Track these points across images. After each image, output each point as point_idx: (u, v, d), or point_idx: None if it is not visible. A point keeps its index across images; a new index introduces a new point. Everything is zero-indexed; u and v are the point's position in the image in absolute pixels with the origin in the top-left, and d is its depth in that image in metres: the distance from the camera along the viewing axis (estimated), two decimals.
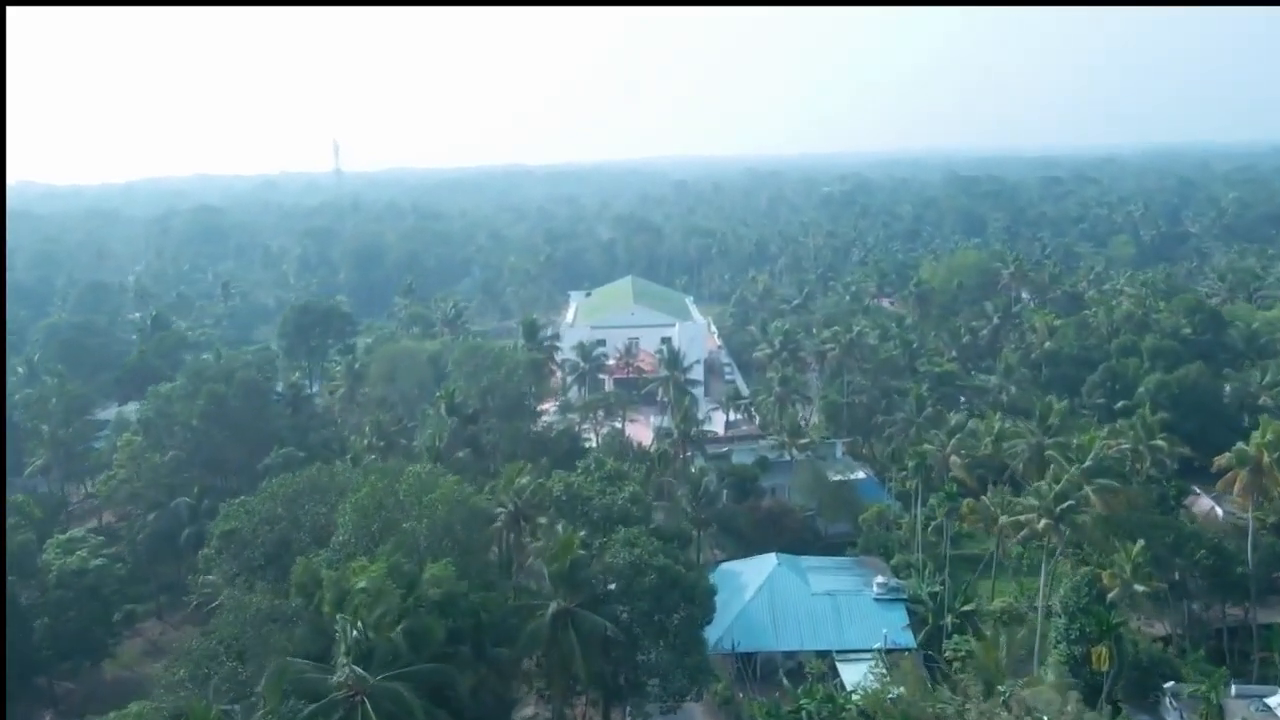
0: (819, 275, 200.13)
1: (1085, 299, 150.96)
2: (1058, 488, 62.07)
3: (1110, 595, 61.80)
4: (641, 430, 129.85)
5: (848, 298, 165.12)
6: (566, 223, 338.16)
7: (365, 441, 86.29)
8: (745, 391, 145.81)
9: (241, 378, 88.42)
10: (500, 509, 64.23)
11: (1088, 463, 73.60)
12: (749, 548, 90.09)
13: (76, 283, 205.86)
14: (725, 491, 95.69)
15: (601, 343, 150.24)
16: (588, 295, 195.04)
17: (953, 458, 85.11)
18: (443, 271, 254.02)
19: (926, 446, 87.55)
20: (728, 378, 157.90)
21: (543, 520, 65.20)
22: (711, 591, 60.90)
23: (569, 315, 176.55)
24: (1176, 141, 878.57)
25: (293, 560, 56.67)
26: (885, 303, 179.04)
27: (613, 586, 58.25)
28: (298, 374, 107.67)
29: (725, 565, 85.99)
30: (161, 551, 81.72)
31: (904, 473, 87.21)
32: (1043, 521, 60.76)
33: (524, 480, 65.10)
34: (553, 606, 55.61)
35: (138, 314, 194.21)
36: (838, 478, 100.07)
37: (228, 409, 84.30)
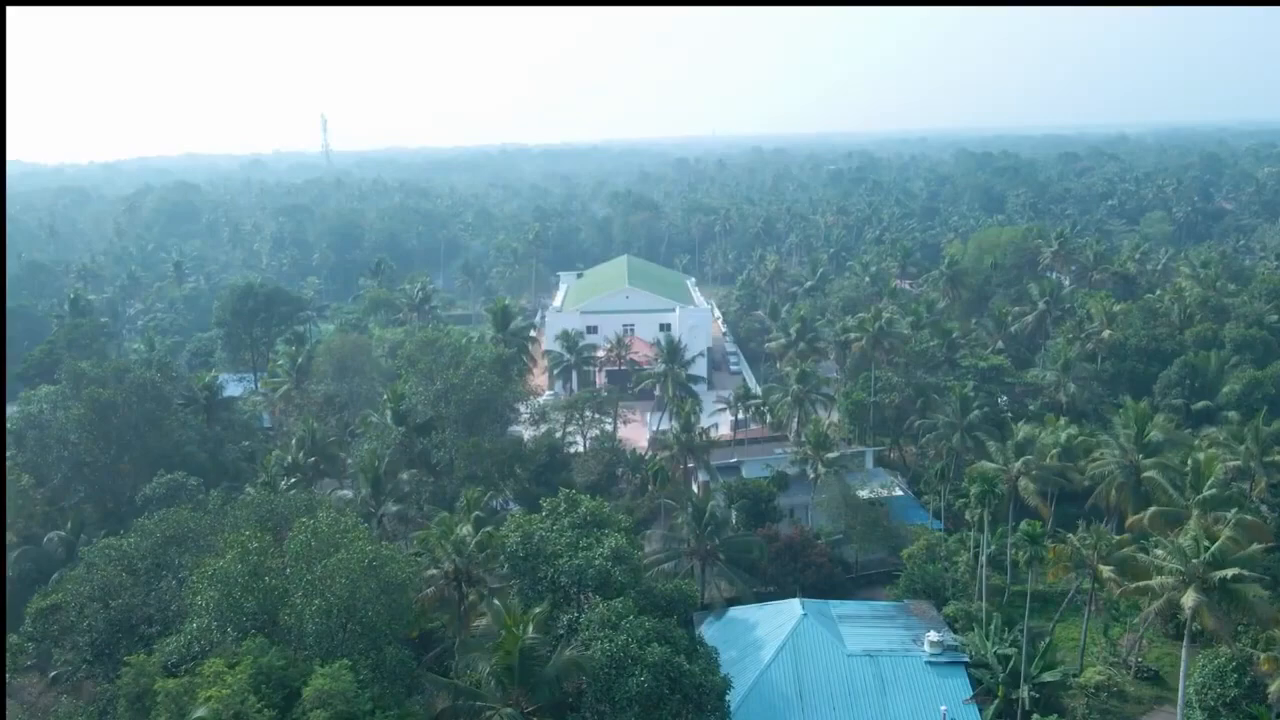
0: (832, 255, 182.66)
1: (1137, 280, 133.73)
2: (1211, 547, 44.71)
3: (1272, 689, 44.91)
4: (637, 432, 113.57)
5: (867, 279, 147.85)
6: (560, 200, 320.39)
7: (290, 458, 69.33)
8: (754, 386, 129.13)
9: (136, 379, 71.30)
10: (434, 570, 47.25)
11: (1207, 491, 56.73)
12: (764, 583, 73.78)
13: (18, 263, 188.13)
14: (734, 513, 79.09)
15: (592, 330, 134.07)
16: (579, 276, 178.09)
17: (1023, 480, 68.03)
18: (426, 252, 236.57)
19: (986, 465, 70.58)
20: (733, 368, 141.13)
21: (499, 569, 48.59)
22: (725, 687, 44.14)
23: (557, 299, 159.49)
24: (1183, 121, 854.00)
25: (134, 651, 39.95)
26: (905, 285, 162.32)
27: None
28: (213, 372, 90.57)
29: (736, 612, 69.17)
30: (29, 597, 64.84)
31: (962, 500, 70.19)
32: (1191, 595, 43.70)
33: (465, 530, 48.02)
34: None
35: (92, 297, 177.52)
36: (869, 494, 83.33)
37: (115, 418, 67.35)
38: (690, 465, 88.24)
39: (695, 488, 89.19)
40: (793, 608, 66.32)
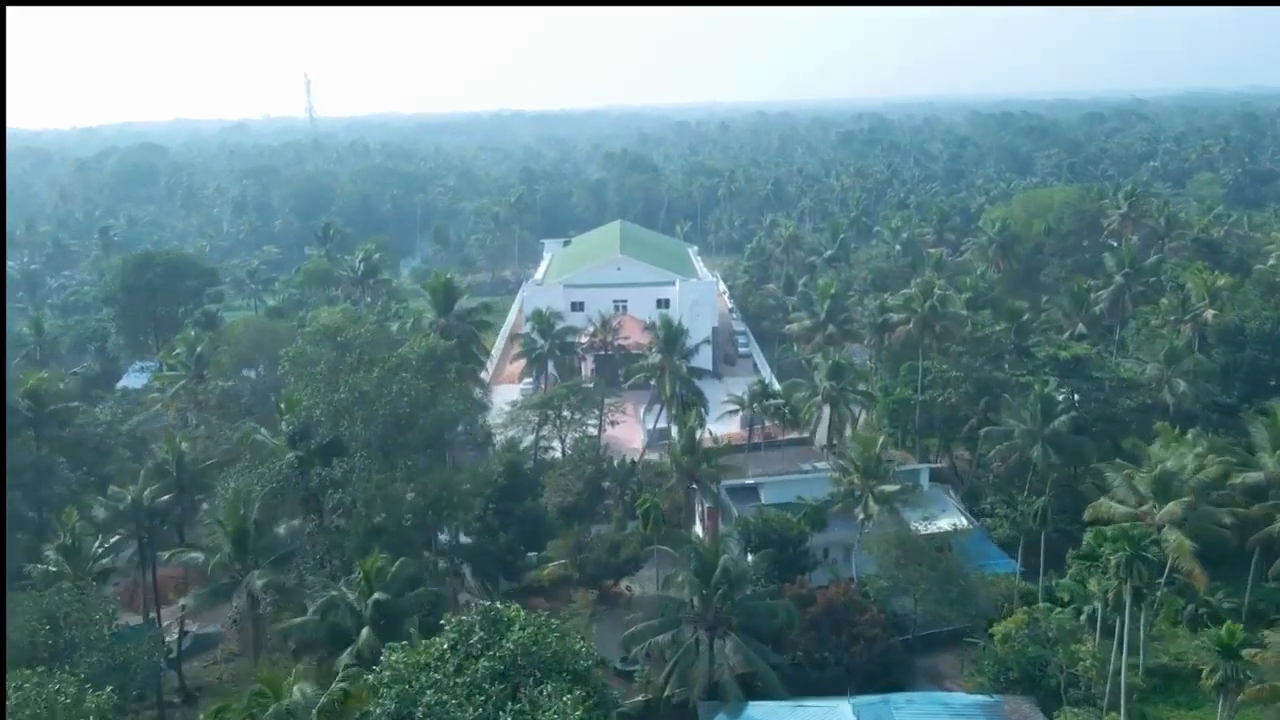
0: (853, 219, 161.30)
1: (1223, 248, 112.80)
2: None
3: None
4: (630, 431, 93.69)
5: (898, 247, 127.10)
6: (553, 164, 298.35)
7: (129, 497, 49.02)
8: (767, 374, 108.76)
9: None
10: None
11: None
12: (792, 655, 54.07)
13: None
14: (751, 558, 59.07)
15: (578, 307, 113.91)
16: (566, 245, 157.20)
17: (1171, 534, 47.67)
18: (401, 217, 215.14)
19: (1112, 506, 50.25)
20: (742, 349, 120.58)
21: None
22: None
23: (539, 271, 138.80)
24: (1194, 86, 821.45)
25: None
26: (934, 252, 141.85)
27: None
28: (43, 376, 69.61)
29: (758, 711, 49.27)
30: None
31: (1084, 560, 50.00)
32: None
33: (301, 690, 27.68)
34: None
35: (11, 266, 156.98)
36: (931, 529, 63.16)
37: None
38: (692, 486, 68.13)
39: (699, 521, 69.08)
40: (842, 716, 46.48)
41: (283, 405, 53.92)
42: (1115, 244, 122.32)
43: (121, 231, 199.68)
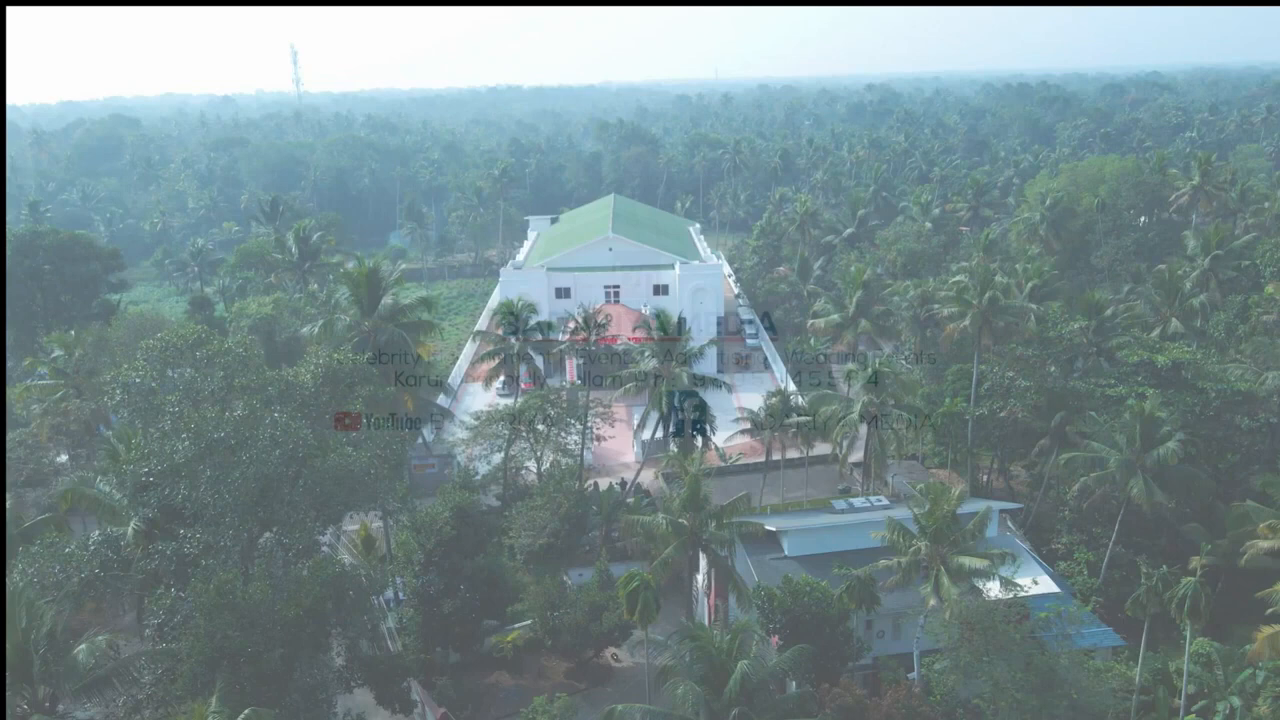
0: (872, 194, 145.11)
1: None
2: None
3: None
4: (621, 444, 78.99)
5: (928, 224, 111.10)
6: (546, 138, 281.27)
7: None
8: (779, 371, 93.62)
9: None
10: None
11: None
12: None
13: None
14: (776, 643, 43.84)
15: (563, 293, 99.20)
16: (554, 222, 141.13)
17: None
18: (379, 193, 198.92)
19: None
20: (750, 342, 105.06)
21: None
22: None
23: (522, 252, 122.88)
24: (1204, 62, 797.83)
25: None
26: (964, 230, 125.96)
27: None
28: None
29: None
30: None
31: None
32: None
33: None
34: None
35: None
36: (1004, 592, 47.67)
37: None
38: (704, 539, 52.65)
39: (700, 584, 53.51)
40: None
41: (124, 449, 38.40)
42: (1179, 220, 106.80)
43: (73, 207, 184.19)
